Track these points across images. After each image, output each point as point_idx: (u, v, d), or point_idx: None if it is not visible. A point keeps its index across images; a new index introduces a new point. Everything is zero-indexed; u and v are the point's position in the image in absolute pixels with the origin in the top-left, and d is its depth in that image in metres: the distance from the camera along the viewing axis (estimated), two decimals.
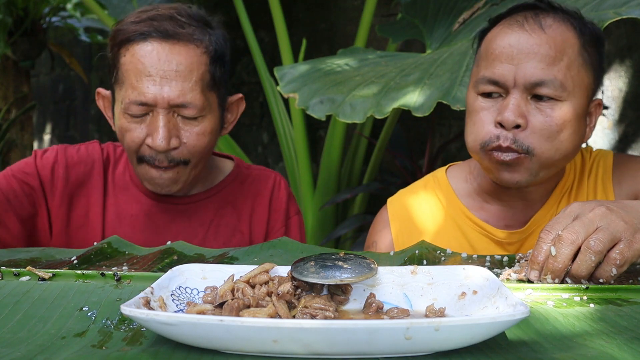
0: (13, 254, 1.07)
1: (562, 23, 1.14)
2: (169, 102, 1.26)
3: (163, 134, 1.26)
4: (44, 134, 5.46)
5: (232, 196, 1.48)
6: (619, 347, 0.65)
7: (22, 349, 0.66)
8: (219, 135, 1.38)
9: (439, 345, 0.63)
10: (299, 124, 2.73)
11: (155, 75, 1.26)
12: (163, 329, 0.64)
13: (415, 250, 1.06)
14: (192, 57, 1.28)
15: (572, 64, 1.12)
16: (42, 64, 5.22)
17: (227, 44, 1.37)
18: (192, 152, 1.31)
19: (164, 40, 1.27)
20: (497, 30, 1.17)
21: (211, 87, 1.31)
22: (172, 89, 1.26)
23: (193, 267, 0.83)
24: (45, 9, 3.73)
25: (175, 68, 1.26)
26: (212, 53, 1.31)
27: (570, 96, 1.12)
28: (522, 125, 1.11)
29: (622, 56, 2.38)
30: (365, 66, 1.97)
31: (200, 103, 1.28)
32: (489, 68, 1.14)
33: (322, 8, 3.37)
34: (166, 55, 1.26)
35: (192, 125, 1.30)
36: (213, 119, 1.33)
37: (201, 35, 1.30)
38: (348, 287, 0.81)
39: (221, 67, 1.33)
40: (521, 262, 0.96)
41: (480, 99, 1.16)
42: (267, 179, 1.51)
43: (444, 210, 1.31)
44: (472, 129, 1.17)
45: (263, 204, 1.49)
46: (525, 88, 1.11)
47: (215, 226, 1.45)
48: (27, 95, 3.80)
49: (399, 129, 2.91)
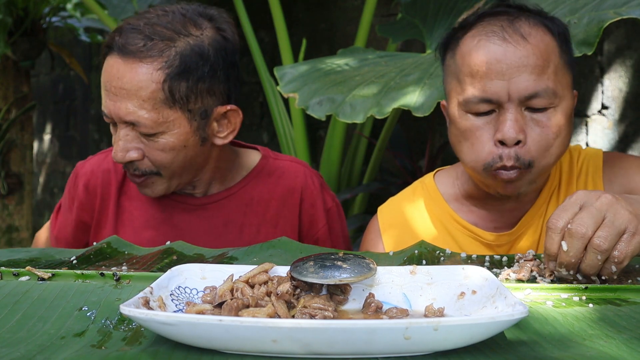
0: (13, 254, 1.07)
1: (539, 28, 1.13)
2: (120, 119, 1.26)
3: (119, 147, 1.28)
4: (44, 134, 5.46)
5: (257, 192, 1.43)
6: (617, 347, 0.65)
7: (21, 348, 0.66)
8: (204, 146, 1.33)
9: (438, 345, 0.63)
10: (299, 124, 2.73)
11: (109, 91, 1.26)
12: (162, 329, 0.64)
13: (415, 250, 1.06)
14: (140, 75, 1.24)
15: (557, 68, 1.12)
16: (42, 64, 5.22)
17: (219, 54, 1.30)
18: (158, 166, 1.30)
19: (120, 57, 1.25)
20: (475, 43, 1.13)
21: (169, 103, 1.25)
22: (120, 106, 1.25)
23: (192, 267, 0.83)
24: (45, 9, 3.73)
25: (123, 86, 1.24)
26: (174, 69, 1.25)
27: (561, 100, 1.12)
28: (522, 140, 1.10)
29: (622, 56, 2.38)
30: (365, 66, 1.97)
31: (150, 122, 1.25)
32: (478, 86, 1.11)
33: (322, 8, 3.37)
34: (118, 72, 1.25)
35: (151, 141, 1.28)
36: (176, 135, 1.28)
37: (164, 50, 1.25)
38: (347, 287, 0.81)
39: (188, 81, 1.26)
40: (520, 262, 0.96)
41: (471, 117, 1.14)
42: (297, 172, 1.46)
43: (433, 215, 1.31)
44: (471, 150, 1.14)
45: (294, 200, 1.44)
46: (520, 102, 1.10)
47: (240, 225, 1.42)
48: (27, 95, 3.80)
49: (399, 129, 2.91)
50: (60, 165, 5.32)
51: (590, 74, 2.45)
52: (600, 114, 2.43)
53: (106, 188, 1.44)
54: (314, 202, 1.45)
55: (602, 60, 2.42)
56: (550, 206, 1.24)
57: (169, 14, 1.29)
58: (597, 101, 2.44)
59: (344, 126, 2.68)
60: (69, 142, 5.25)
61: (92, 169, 1.46)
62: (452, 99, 1.18)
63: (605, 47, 2.41)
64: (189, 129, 1.29)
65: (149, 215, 1.42)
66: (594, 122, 2.44)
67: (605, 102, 2.42)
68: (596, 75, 2.43)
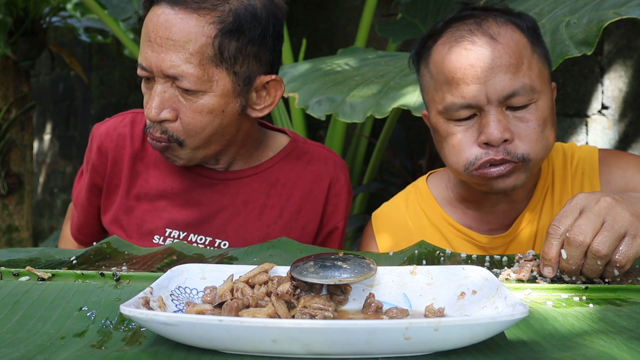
0: (13, 254, 1.07)
1: (507, 26, 1.12)
2: (162, 72, 1.19)
3: (155, 103, 1.20)
4: (44, 134, 5.46)
5: (284, 174, 1.38)
6: (618, 347, 0.65)
7: (21, 349, 0.66)
8: (240, 116, 1.27)
9: (438, 345, 0.63)
10: (299, 124, 2.73)
11: (154, 42, 1.19)
12: (162, 329, 0.64)
13: (415, 250, 1.06)
14: (191, 27, 1.18)
15: (531, 63, 1.11)
16: (42, 64, 5.23)
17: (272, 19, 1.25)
18: (187, 130, 1.23)
19: (170, 5, 1.19)
20: (446, 50, 1.13)
21: (216, 61, 1.20)
22: (165, 58, 1.18)
23: (192, 267, 0.83)
24: (45, 9, 3.73)
25: (171, 36, 1.18)
26: (227, 26, 1.19)
27: (541, 94, 1.11)
28: (509, 138, 1.09)
29: (622, 56, 2.38)
30: (365, 66, 1.97)
31: (194, 77, 1.18)
32: (456, 93, 1.11)
33: (322, 8, 3.37)
34: (167, 21, 1.18)
35: (190, 101, 1.21)
36: (218, 97, 1.21)
37: (215, 4, 1.19)
38: (347, 287, 0.81)
39: (238, 41, 1.21)
40: (520, 262, 0.96)
41: (453, 124, 1.13)
42: (327, 159, 1.41)
43: (427, 219, 1.30)
44: (452, 152, 1.14)
45: (322, 187, 1.39)
46: (500, 102, 1.09)
47: (261, 206, 1.36)
48: (27, 95, 3.80)
49: (399, 129, 2.91)
50: (60, 165, 5.33)
51: (590, 74, 2.45)
52: (600, 114, 2.43)
53: (120, 152, 1.38)
54: (340, 192, 1.40)
55: (602, 60, 2.42)
56: (545, 206, 1.23)
57: None
58: (597, 101, 2.44)
59: (344, 126, 2.68)
60: (69, 142, 5.25)
61: (107, 131, 1.39)
62: (432, 108, 1.17)
63: (605, 47, 2.41)
64: (231, 92, 1.23)
65: (166, 184, 1.36)
66: (594, 122, 2.44)
67: (605, 102, 2.42)
68: (596, 75, 2.44)
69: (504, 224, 1.24)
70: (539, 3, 1.68)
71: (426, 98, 1.20)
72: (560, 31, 1.46)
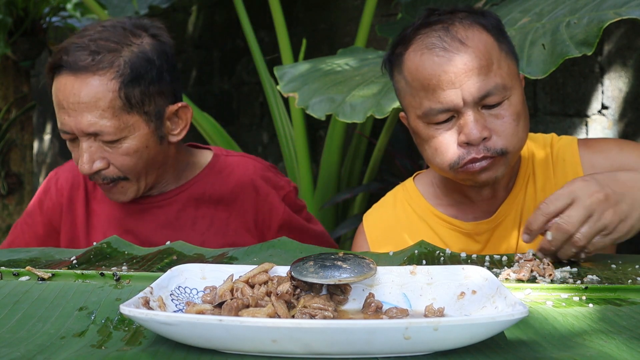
0: (13, 254, 1.07)
1: (474, 28, 1.16)
2: (83, 132, 1.33)
3: (85, 159, 1.34)
4: (44, 134, 5.46)
5: (209, 187, 1.51)
6: (617, 347, 0.65)
7: (21, 348, 0.66)
8: (162, 145, 1.41)
9: (438, 345, 0.63)
10: (299, 124, 2.73)
11: (68, 108, 1.32)
12: (162, 329, 0.64)
13: (415, 250, 1.06)
14: (96, 87, 1.32)
15: (500, 61, 1.16)
16: (42, 64, 5.22)
17: (162, 57, 1.38)
18: (125, 170, 1.37)
19: (72, 74, 1.32)
20: (418, 57, 1.17)
21: (127, 109, 1.34)
22: (81, 120, 1.31)
23: (192, 267, 0.83)
24: (45, 9, 3.73)
25: (80, 100, 1.31)
26: (126, 77, 1.33)
27: (512, 90, 1.16)
28: (487, 136, 1.14)
29: (622, 56, 2.38)
30: (365, 66, 1.97)
31: (112, 129, 1.33)
32: (433, 99, 1.15)
33: (322, 8, 3.37)
34: (73, 88, 1.32)
35: (115, 148, 1.35)
36: (138, 138, 1.36)
37: (113, 61, 1.33)
38: (347, 287, 0.81)
39: (140, 86, 1.35)
40: (520, 262, 0.97)
41: (432, 127, 1.18)
42: (247, 167, 1.54)
43: (415, 214, 1.34)
44: (435, 154, 1.19)
45: (247, 192, 1.52)
46: (475, 103, 1.14)
47: (192, 217, 1.50)
48: (27, 95, 3.79)
49: (399, 129, 2.91)
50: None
51: (590, 74, 2.45)
52: (600, 114, 2.43)
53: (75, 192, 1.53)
54: (269, 192, 1.53)
55: (602, 60, 2.42)
56: (528, 192, 1.28)
57: (107, 28, 1.38)
58: (597, 101, 2.44)
59: (344, 126, 2.68)
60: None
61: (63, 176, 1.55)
62: (410, 113, 1.22)
63: (605, 47, 2.41)
64: (148, 130, 1.38)
65: (112, 216, 1.50)
66: (594, 122, 2.44)
67: (605, 102, 2.42)
68: (596, 75, 2.43)
69: (488, 211, 1.29)
70: (539, 3, 1.68)
71: (403, 102, 1.25)
72: (561, 31, 1.46)
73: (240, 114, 3.74)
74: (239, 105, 3.75)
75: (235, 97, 3.76)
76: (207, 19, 3.92)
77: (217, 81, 3.86)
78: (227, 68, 3.79)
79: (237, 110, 3.75)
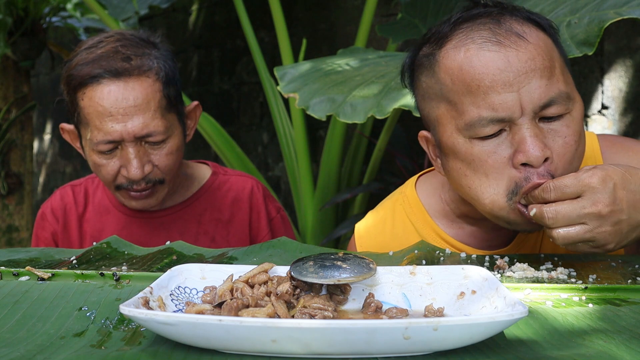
0: (12, 254, 1.07)
1: (529, 24, 0.96)
2: (135, 136, 1.34)
3: (136, 164, 1.36)
4: (44, 134, 5.46)
5: (210, 204, 1.56)
6: (617, 347, 0.65)
7: (21, 348, 0.66)
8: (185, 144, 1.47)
9: (437, 345, 0.63)
10: (299, 124, 2.73)
11: (117, 114, 1.33)
12: (162, 329, 0.64)
13: (415, 250, 1.06)
14: (146, 88, 1.35)
15: (562, 66, 0.96)
16: (42, 64, 5.22)
17: (173, 60, 1.43)
18: (166, 172, 1.40)
19: (116, 79, 1.33)
20: (462, 54, 0.94)
21: (169, 108, 1.38)
22: (134, 123, 1.33)
23: (192, 267, 0.83)
24: (45, 9, 3.73)
25: (133, 103, 1.33)
26: (163, 77, 1.38)
27: (574, 103, 0.96)
28: (550, 157, 0.93)
29: (622, 56, 2.38)
30: (365, 66, 1.97)
31: (163, 128, 1.36)
32: (484, 104, 0.92)
33: (322, 8, 3.37)
34: (122, 93, 1.33)
35: (160, 149, 1.38)
36: (177, 135, 1.41)
37: (150, 63, 1.37)
38: (347, 287, 0.81)
39: (174, 86, 1.40)
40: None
41: (478, 143, 0.95)
42: (245, 185, 1.60)
43: (416, 233, 1.15)
44: (487, 182, 0.95)
45: (243, 209, 1.57)
46: (535, 113, 0.93)
47: (195, 234, 1.54)
48: (27, 95, 3.79)
49: (399, 129, 2.91)
50: (60, 165, 5.32)
51: (590, 74, 2.45)
52: (600, 114, 2.43)
53: (68, 218, 1.57)
54: (259, 212, 1.59)
55: (602, 60, 2.42)
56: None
57: (121, 39, 1.40)
58: (597, 101, 2.44)
59: (344, 126, 2.68)
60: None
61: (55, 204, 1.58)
62: (445, 126, 0.98)
63: (606, 47, 2.40)
64: (181, 129, 1.43)
65: (110, 229, 1.53)
66: (594, 122, 2.44)
67: (605, 102, 2.42)
68: (596, 75, 2.43)
69: (504, 240, 1.12)
70: (539, 3, 1.68)
71: (433, 115, 1.01)
72: (561, 31, 1.46)
73: (240, 114, 3.74)
74: (239, 105, 3.75)
75: (235, 97, 3.76)
76: (207, 19, 3.91)
77: (217, 81, 3.86)
78: (227, 68, 3.79)
79: (237, 110, 3.75)
